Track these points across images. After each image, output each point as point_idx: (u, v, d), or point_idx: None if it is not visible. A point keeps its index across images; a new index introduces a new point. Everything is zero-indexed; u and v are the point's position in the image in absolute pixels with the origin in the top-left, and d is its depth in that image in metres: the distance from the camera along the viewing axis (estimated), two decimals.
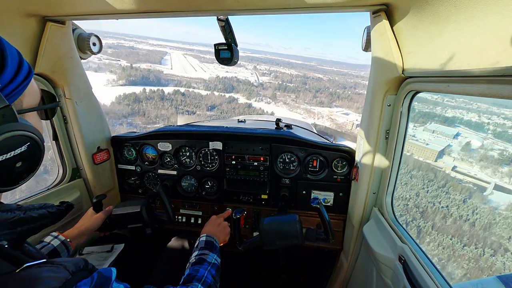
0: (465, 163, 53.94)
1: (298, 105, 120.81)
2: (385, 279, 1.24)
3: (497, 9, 0.60)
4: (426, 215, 38.74)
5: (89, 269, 0.62)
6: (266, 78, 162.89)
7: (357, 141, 1.57)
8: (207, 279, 1.01)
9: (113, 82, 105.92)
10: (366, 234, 1.41)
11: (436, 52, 0.87)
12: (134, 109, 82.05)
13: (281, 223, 1.33)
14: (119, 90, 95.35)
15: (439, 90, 0.92)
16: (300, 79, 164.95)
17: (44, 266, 0.54)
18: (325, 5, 1.05)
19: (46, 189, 1.58)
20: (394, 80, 1.14)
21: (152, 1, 1.11)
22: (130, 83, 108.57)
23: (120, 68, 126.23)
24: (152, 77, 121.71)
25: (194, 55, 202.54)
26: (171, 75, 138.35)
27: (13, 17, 1.19)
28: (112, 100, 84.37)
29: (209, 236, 1.28)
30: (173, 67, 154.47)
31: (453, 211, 39.97)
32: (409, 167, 47.27)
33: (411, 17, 0.93)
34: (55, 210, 0.75)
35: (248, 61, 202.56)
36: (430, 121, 70.01)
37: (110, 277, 0.64)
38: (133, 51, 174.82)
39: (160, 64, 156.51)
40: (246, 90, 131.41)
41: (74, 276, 0.56)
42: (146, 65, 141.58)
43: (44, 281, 0.50)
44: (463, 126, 68.65)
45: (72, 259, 0.60)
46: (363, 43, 1.32)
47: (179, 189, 2.02)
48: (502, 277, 1.30)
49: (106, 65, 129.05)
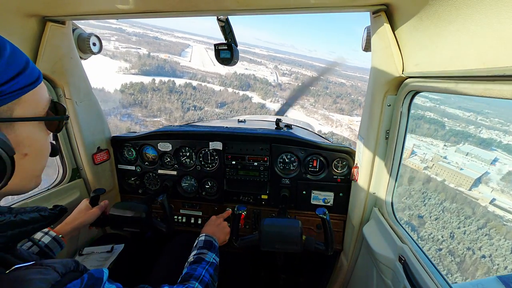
0: (505, 196, 45.56)
1: (316, 110, 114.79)
2: (385, 279, 1.24)
3: (497, 9, 0.60)
4: (464, 267, 30.96)
5: (80, 270, 0.61)
6: (286, 78, 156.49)
7: (357, 141, 1.57)
8: (205, 278, 1.01)
9: (125, 70, 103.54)
10: (366, 234, 1.41)
11: (436, 52, 0.87)
12: (137, 99, 78.31)
13: (282, 227, 1.31)
14: (129, 78, 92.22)
15: (439, 90, 0.92)
16: (321, 82, 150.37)
17: (32, 268, 0.53)
18: (325, 5, 1.05)
19: (46, 189, 1.58)
20: (394, 80, 1.14)
21: (152, 1, 1.11)
22: (143, 72, 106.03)
23: (137, 57, 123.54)
24: (167, 68, 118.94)
25: None
26: (187, 67, 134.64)
27: (13, 17, 1.19)
28: (117, 87, 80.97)
29: (208, 235, 1.28)
30: (191, 60, 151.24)
31: (499, 263, 32.01)
32: (440, 197, 39.56)
33: (411, 17, 0.93)
34: (48, 214, 0.73)
35: (270, 60, 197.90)
36: (463, 141, 60.25)
37: (102, 278, 0.63)
38: (156, 41, 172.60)
39: (179, 56, 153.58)
40: (262, 89, 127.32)
41: (63, 278, 0.55)
42: (164, 55, 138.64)
43: (32, 283, 0.49)
44: (501, 150, 58.83)
45: (62, 260, 0.59)
46: (363, 43, 1.32)
47: (179, 189, 2.01)
48: (502, 277, 1.30)
49: (123, 53, 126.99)
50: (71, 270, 0.59)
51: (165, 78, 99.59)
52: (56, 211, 0.78)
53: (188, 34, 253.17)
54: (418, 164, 21.43)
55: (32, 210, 0.69)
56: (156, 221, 1.55)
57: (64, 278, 0.55)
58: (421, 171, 21.72)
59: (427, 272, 1.00)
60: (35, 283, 0.50)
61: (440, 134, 17.01)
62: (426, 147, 22.62)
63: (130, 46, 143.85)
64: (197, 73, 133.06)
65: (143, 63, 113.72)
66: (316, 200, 1.85)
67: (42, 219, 0.71)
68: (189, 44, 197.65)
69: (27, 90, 0.60)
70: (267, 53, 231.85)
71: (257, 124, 2.58)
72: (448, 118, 20.26)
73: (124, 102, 74.61)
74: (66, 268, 0.57)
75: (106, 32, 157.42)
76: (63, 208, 0.81)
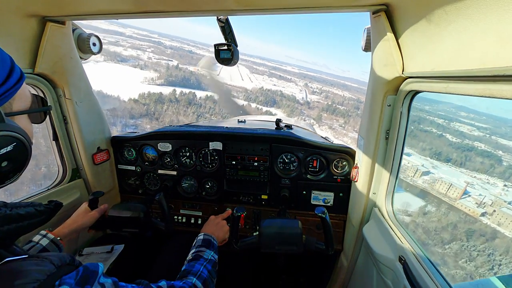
0: None
1: (346, 132, 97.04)
2: (385, 279, 1.24)
3: (497, 10, 0.60)
4: None
5: (75, 264, 0.62)
6: (316, 97, 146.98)
7: (357, 141, 1.57)
8: (203, 274, 1.01)
9: (151, 80, 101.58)
10: (366, 235, 1.41)
11: (436, 52, 0.87)
12: (149, 109, 75.84)
13: (282, 228, 1.30)
14: (151, 88, 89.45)
15: (439, 90, 0.92)
16: (353, 102, 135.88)
17: (28, 260, 0.54)
18: (325, 5, 1.05)
19: (46, 189, 1.58)
20: (394, 80, 1.14)
21: (152, 1, 1.11)
22: (168, 83, 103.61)
23: (165, 68, 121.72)
24: (193, 80, 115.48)
25: (247, 65, 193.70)
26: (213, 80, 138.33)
27: (13, 17, 1.19)
28: (133, 97, 78.21)
29: (206, 235, 1.28)
30: (220, 73, 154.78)
31: None
32: None
33: (411, 18, 0.93)
34: (43, 209, 0.75)
35: (300, 78, 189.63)
36: None
37: (97, 271, 0.64)
38: (189, 55, 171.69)
39: (208, 69, 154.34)
40: (288, 107, 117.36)
41: (59, 270, 0.56)
42: (193, 68, 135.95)
43: (28, 273, 0.50)
44: None
45: (58, 254, 0.60)
46: (363, 43, 1.32)
47: (179, 190, 2.01)
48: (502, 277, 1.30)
49: (153, 64, 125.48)
50: (66, 263, 0.59)
51: (186, 90, 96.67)
52: (51, 206, 0.79)
53: None
54: (473, 209, 15.43)
55: (27, 205, 0.71)
56: (155, 221, 1.55)
57: (59, 270, 0.56)
58: (478, 218, 15.94)
59: (427, 272, 1.00)
60: (31, 273, 0.50)
61: (498, 171, 14.37)
62: (482, 186, 16.64)
63: (162, 58, 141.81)
64: (222, 87, 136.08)
65: (169, 74, 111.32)
66: (316, 200, 1.85)
67: (38, 214, 0.72)
68: None
69: (19, 86, 0.65)
70: (298, 71, 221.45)
71: (257, 124, 2.58)
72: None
73: (134, 112, 71.92)
74: (62, 261, 0.58)
75: (144, 44, 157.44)
76: (57, 203, 0.82)
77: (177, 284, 0.92)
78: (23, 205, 0.70)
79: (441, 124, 22.64)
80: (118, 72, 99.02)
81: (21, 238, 0.87)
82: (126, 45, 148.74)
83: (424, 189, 19.15)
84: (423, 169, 21.33)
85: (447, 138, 22.98)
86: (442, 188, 18.93)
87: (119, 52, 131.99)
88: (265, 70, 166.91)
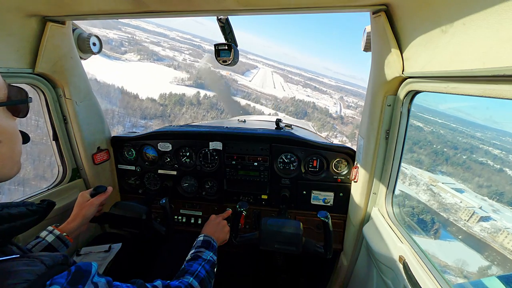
0: None
1: None
2: (385, 279, 1.24)
3: (497, 9, 0.60)
4: None
5: (69, 264, 0.61)
6: (350, 111, 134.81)
7: (357, 141, 1.57)
8: (200, 273, 1.01)
9: (180, 81, 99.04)
10: (366, 235, 1.41)
11: (436, 52, 0.87)
12: (165, 111, 71.42)
13: (284, 227, 1.31)
14: (176, 89, 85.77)
15: (439, 90, 0.92)
16: None
17: (19, 260, 0.54)
18: (325, 5, 1.05)
19: (46, 189, 1.58)
20: (394, 80, 1.14)
21: (152, 1, 1.11)
22: (196, 85, 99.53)
23: (196, 69, 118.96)
24: (222, 83, 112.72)
25: (282, 74, 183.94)
26: (244, 86, 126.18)
27: (13, 17, 1.19)
28: (153, 96, 73.80)
29: (206, 236, 1.28)
30: (252, 80, 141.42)
31: None
32: None
33: (411, 17, 0.93)
34: (35, 208, 0.73)
35: (336, 90, 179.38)
36: None
37: (90, 271, 0.63)
38: None
39: (241, 75, 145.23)
40: (319, 120, 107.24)
41: (50, 270, 0.55)
42: (226, 72, 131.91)
43: (18, 274, 0.50)
44: None
45: (51, 253, 0.59)
46: (363, 43, 1.32)
47: (179, 189, 2.01)
48: (502, 277, 1.30)
49: (187, 65, 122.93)
50: (59, 263, 0.59)
51: (211, 93, 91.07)
52: (44, 205, 0.77)
53: (260, 57, 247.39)
54: None
55: (19, 205, 0.69)
56: (156, 224, 1.54)
57: (51, 270, 0.55)
58: None
59: (427, 272, 1.00)
60: (21, 274, 0.50)
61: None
62: None
63: (197, 60, 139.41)
64: (252, 93, 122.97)
65: (199, 76, 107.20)
66: (316, 200, 1.85)
67: (30, 214, 0.70)
68: (257, 66, 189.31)
69: None
70: (334, 83, 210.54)
71: (257, 124, 2.58)
72: None
73: (147, 112, 67.11)
74: (54, 260, 0.57)
75: (183, 46, 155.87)
76: (50, 202, 0.80)
77: (173, 283, 0.92)
78: (14, 204, 0.68)
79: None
80: (150, 70, 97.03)
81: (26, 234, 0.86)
82: (166, 46, 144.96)
83: (483, 242, 11.98)
84: (481, 212, 13.93)
85: None
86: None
87: (157, 51, 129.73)
88: (300, 80, 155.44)
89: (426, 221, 13.65)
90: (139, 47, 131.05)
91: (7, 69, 1.25)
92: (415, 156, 14.40)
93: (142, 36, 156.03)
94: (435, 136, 14.90)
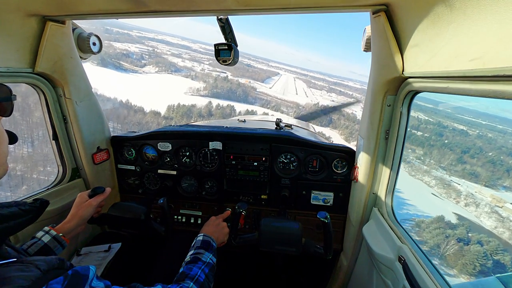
0: None
1: (428, 168, 54.55)
2: (385, 279, 1.24)
3: (497, 9, 0.60)
4: None
5: (65, 268, 0.60)
6: None
7: (357, 141, 1.57)
8: (200, 278, 1.00)
9: (195, 91, 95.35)
10: (366, 235, 1.41)
11: (436, 52, 0.87)
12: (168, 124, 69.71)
13: (283, 228, 1.31)
14: (186, 100, 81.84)
15: (439, 90, 0.92)
16: (432, 127, 77.66)
17: (12, 266, 0.53)
18: (325, 4, 1.05)
19: (46, 189, 1.58)
20: (394, 80, 1.14)
21: (152, 0, 1.11)
22: (212, 94, 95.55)
23: (213, 79, 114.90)
24: (239, 92, 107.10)
25: (305, 80, 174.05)
26: (263, 93, 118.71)
27: (13, 16, 1.19)
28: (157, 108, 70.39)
29: (206, 236, 1.27)
30: (273, 87, 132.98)
31: None
32: None
33: (411, 17, 0.93)
34: (28, 208, 0.72)
35: (363, 94, 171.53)
36: None
37: (87, 275, 0.62)
38: (246, 67, 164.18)
39: (261, 82, 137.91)
40: (347, 128, 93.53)
41: (46, 275, 0.54)
42: (245, 80, 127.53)
43: (12, 280, 0.49)
44: None
45: (46, 257, 0.58)
46: (363, 43, 1.32)
47: (179, 189, 2.01)
48: (502, 277, 1.30)
49: (204, 75, 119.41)
50: (54, 267, 0.57)
51: (225, 102, 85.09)
52: (37, 204, 0.76)
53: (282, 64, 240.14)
54: None
55: (10, 205, 0.68)
56: (155, 224, 1.53)
57: (46, 275, 0.54)
58: None
59: (426, 272, 1.00)
60: (14, 280, 0.49)
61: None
62: None
63: (215, 70, 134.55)
64: (271, 101, 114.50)
65: (215, 85, 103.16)
66: (316, 200, 1.85)
67: (23, 214, 0.69)
68: (279, 72, 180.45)
69: None
70: (360, 86, 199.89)
71: (257, 124, 2.58)
72: None
73: (148, 126, 62.94)
74: (49, 265, 0.56)
75: (204, 57, 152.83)
76: (43, 201, 0.79)
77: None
78: (5, 205, 0.66)
79: None
80: (166, 82, 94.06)
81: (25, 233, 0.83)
82: (185, 57, 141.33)
83: None
84: None
85: None
86: None
87: (175, 62, 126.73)
88: (324, 85, 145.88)
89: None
90: (158, 59, 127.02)
91: (7, 69, 1.25)
92: (468, 168, 12.21)
93: (164, 49, 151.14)
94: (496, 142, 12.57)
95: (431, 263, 1.06)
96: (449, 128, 10.80)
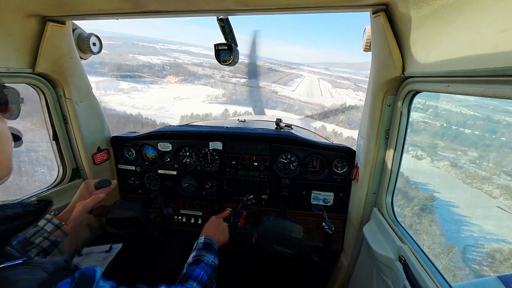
0: None
1: (487, 174, 13.95)
2: (385, 279, 1.24)
3: (497, 9, 0.60)
4: None
5: (70, 269, 0.60)
6: (418, 114, 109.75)
7: (357, 141, 1.57)
8: (203, 279, 1.00)
9: (213, 98, 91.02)
10: (366, 234, 1.41)
11: (436, 52, 0.87)
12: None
13: (285, 229, 1.29)
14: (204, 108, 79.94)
15: (439, 90, 0.92)
16: (478, 121, 20.43)
17: (19, 268, 0.53)
18: (325, 4, 1.05)
19: (46, 189, 1.58)
20: (394, 80, 1.14)
21: (152, 1, 1.11)
22: (231, 101, 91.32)
23: (232, 85, 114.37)
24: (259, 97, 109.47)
25: (330, 80, 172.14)
26: (285, 97, 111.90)
27: (13, 17, 1.19)
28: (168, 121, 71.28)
29: (207, 238, 1.27)
30: (296, 90, 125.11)
31: None
32: None
33: (411, 17, 0.93)
34: (33, 209, 0.71)
35: None
36: None
37: (94, 276, 0.62)
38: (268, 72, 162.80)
39: (283, 85, 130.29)
40: None
41: (52, 276, 0.54)
42: (266, 83, 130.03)
43: (18, 283, 0.49)
44: None
45: (52, 259, 0.58)
46: (363, 43, 1.32)
47: (179, 189, 2.01)
48: (502, 277, 1.30)
49: (223, 82, 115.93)
50: (60, 269, 0.57)
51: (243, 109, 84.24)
52: (41, 205, 0.76)
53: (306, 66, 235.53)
54: None
55: (15, 206, 0.67)
56: (154, 231, 1.51)
57: (53, 276, 0.54)
58: None
59: (427, 272, 1.00)
60: (21, 283, 0.49)
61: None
62: None
63: (235, 75, 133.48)
64: (294, 104, 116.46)
65: (234, 92, 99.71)
66: (316, 200, 1.85)
67: (28, 215, 0.69)
68: (302, 74, 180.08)
69: None
70: None
71: (257, 124, 2.58)
72: None
73: None
74: (55, 267, 0.56)
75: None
76: (47, 201, 0.79)
77: None
78: (10, 206, 0.66)
79: None
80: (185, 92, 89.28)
81: None
82: (206, 65, 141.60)
83: None
84: None
85: None
86: None
87: (196, 71, 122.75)
88: (350, 84, 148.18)
89: None
90: (179, 69, 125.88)
91: (7, 69, 1.25)
92: None
93: (185, 59, 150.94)
94: None
95: (432, 262, 1.06)
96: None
